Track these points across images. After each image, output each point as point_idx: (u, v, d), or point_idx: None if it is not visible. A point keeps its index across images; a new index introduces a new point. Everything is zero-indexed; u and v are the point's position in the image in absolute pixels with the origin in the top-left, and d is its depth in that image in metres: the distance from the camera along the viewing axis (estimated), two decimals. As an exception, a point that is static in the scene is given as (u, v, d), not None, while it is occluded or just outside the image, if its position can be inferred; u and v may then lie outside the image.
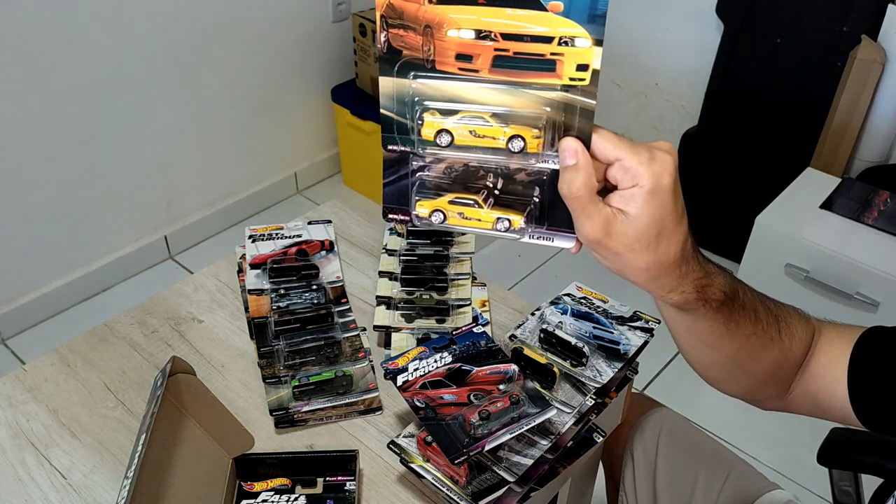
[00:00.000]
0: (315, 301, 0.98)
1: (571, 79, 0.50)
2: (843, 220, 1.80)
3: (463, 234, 0.57)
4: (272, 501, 0.78)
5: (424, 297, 0.97)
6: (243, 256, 1.06)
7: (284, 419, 0.86)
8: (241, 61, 2.27)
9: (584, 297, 0.93)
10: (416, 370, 0.80)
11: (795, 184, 1.93)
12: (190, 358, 0.90)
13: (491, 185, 0.54)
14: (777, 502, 0.93)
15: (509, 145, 0.52)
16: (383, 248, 1.06)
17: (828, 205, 1.84)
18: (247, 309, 0.99)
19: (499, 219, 0.55)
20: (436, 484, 0.75)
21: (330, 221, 1.13)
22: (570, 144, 0.51)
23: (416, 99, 0.52)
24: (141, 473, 0.66)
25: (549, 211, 0.55)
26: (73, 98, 1.92)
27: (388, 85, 0.52)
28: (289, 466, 0.80)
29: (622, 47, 2.45)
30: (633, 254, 0.53)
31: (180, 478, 0.73)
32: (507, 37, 0.49)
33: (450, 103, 0.52)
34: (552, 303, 0.92)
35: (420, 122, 0.53)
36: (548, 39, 0.48)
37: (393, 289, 0.99)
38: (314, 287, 1.00)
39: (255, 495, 0.78)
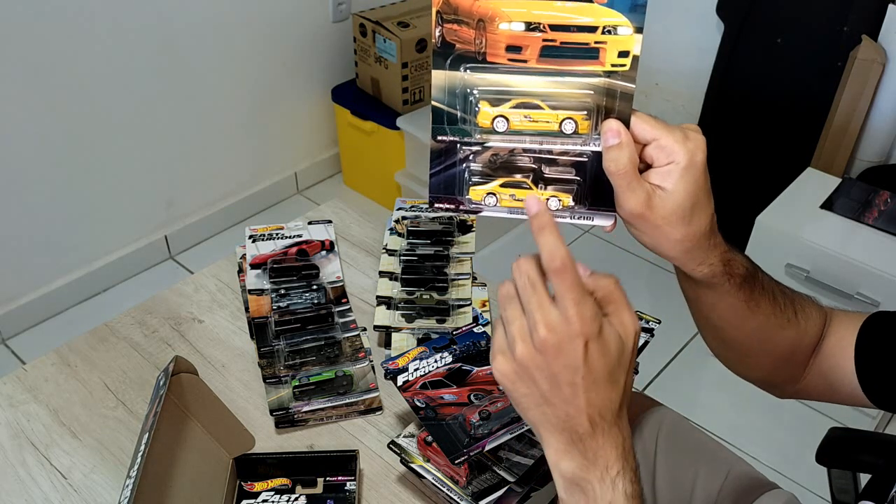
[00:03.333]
0: (315, 301, 0.98)
1: (613, 65, 0.53)
2: (844, 220, 1.80)
3: (510, 217, 0.59)
4: (272, 501, 0.78)
5: (425, 297, 0.98)
6: (243, 256, 1.07)
7: (285, 419, 0.86)
8: (242, 61, 2.27)
9: (584, 297, 0.93)
10: (416, 370, 0.81)
11: (795, 184, 1.93)
12: (190, 358, 0.90)
13: (537, 168, 0.57)
14: (776, 502, 0.92)
15: (562, 127, 0.55)
16: (383, 248, 1.06)
17: (828, 205, 1.84)
18: (247, 309, 0.99)
19: (549, 198, 0.58)
20: (436, 484, 0.75)
21: (330, 221, 1.13)
22: (612, 126, 0.55)
23: (468, 90, 0.55)
24: (143, 473, 0.66)
25: (590, 191, 0.58)
26: (73, 98, 1.92)
27: (440, 77, 0.55)
28: (289, 466, 0.80)
29: (622, 47, 2.45)
30: (670, 226, 0.58)
31: (181, 477, 0.73)
32: (554, 28, 0.52)
33: (501, 92, 0.55)
34: (552, 303, 0.92)
35: (477, 109, 0.55)
36: (592, 29, 0.52)
37: (393, 289, 0.99)
38: (314, 287, 1.00)
39: (256, 495, 0.78)
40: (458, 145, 0.57)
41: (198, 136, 2.26)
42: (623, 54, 0.53)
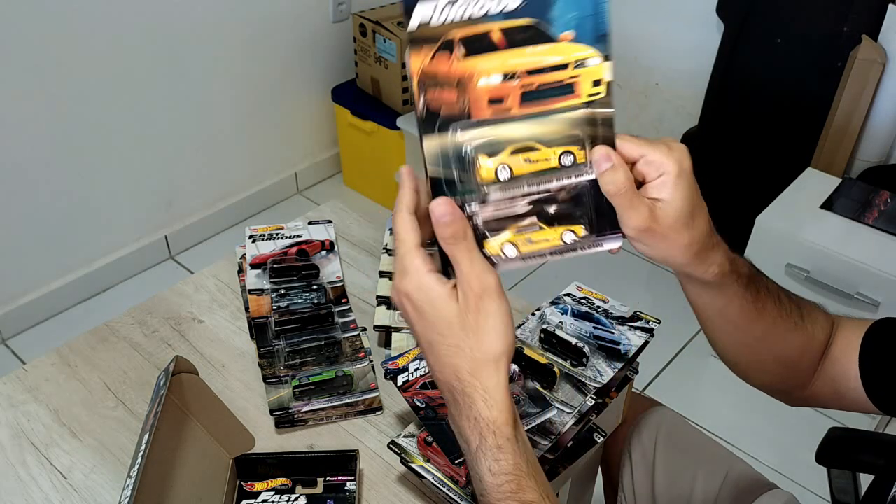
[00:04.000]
0: (315, 301, 0.98)
1: (590, 95, 0.55)
2: (844, 220, 1.80)
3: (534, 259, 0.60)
4: (272, 501, 0.78)
5: (424, 297, 0.97)
6: (243, 256, 1.07)
7: (285, 419, 0.86)
8: (242, 61, 2.27)
9: (584, 297, 0.93)
10: (416, 370, 0.81)
11: (795, 184, 1.93)
12: (190, 358, 0.90)
13: (542, 209, 0.58)
14: (776, 502, 0.93)
15: (561, 161, 0.56)
16: (383, 248, 1.06)
17: (828, 205, 1.83)
18: (247, 309, 0.99)
19: (565, 232, 0.59)
20: (436, 484, 0.75)
21: (330, 221, 1.13)
22: (601, 151, 0.57)
23: (462, 149, 0.55)
24: (144, 473, 0.66)
25: (595, 219, 0.59)
26: (73, 98, 1.92)
27: (433, 145, 0.55)
28: (289, 466, 0.80)
29: (622, 47, 2.45)
30: (676, 234, 0.59)
31: (182, 477, 0.73)
32: (530, 72, 0.54)
33: (493, 143, 0.56)
34: (552, 303, 0.92)
35: (474, 166, 0.56)
36: (564, 66, 0.54)
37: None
38: (314, 287, 1.00)
39: (256, 495, 0.78)
40: (463, 206, 0.57)
41: (198, 136, 2.26)
42: (597, 83, 0.55)
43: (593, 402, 0.81)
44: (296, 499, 0.78)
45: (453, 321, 0.54)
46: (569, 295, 0.93)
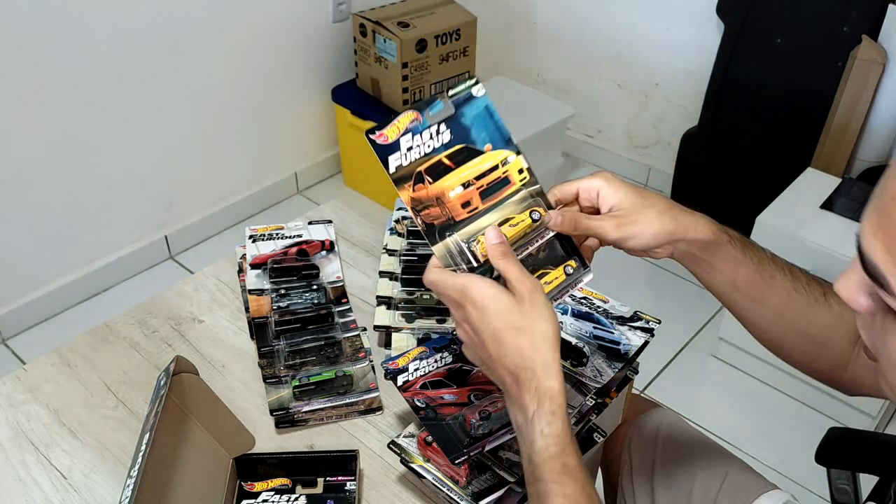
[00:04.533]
0: (315, 301, 0.98)
1: (521, 181, 0.74)
2: (844, 220, 1.80)
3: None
4: (272, 501, 0.78)
5: (425, 297, 0.98)
6: (244, 256, 1.07)
7: (285, 419, 0.86)
8: (242, 61, 2.27)
9: (584, 298, 0.93)
10: (416, 370, 0.81)
11: (795, 184, 1.93)
12: (190, 358, 0.90)
13: (538, 260, 0.74)
14: (775, 502, 0.92)
15: (532, 217, 0.73)
16: (383, 248, 1.06)
17: (828, 205, 1.83)
18: (247, 309, 0.99)
19: (565, 267, 0.74)
20: (436, 484, 0.75)
21: (330, 221, 1.13)
22: (549, 216, 0.73)
23: (461, 244, 0.71)
24: (144, 473, 0.66)
25: (570, 257, 0.75)
26: (73, 98, 1.92)
27: (440, 249, 0.71)
28: (289, 466, 0.80)
29: (622, 47, 2.45)
30: (643, 215, 0.72)
31: (182, 477, 0.73)
32: (478, 177, 0.73)
33: (480, 231, 0.72)
34: (552, 303, 0.92)
35: (476, 250, 0.71)
36: (496, 167, 0.73)
37: (393, 289, 0.99)
38: (314, 287, 1.00)
39: (256, 495, 0.78)
40: None
41: (198, 136, 2.26)
42: (520, 171, 0.74)
43: (593, 402, 0.81)
44: (296, 499, 0.78)
45: (514, 307, 0.66)
46: (569, 295, 0.93)
